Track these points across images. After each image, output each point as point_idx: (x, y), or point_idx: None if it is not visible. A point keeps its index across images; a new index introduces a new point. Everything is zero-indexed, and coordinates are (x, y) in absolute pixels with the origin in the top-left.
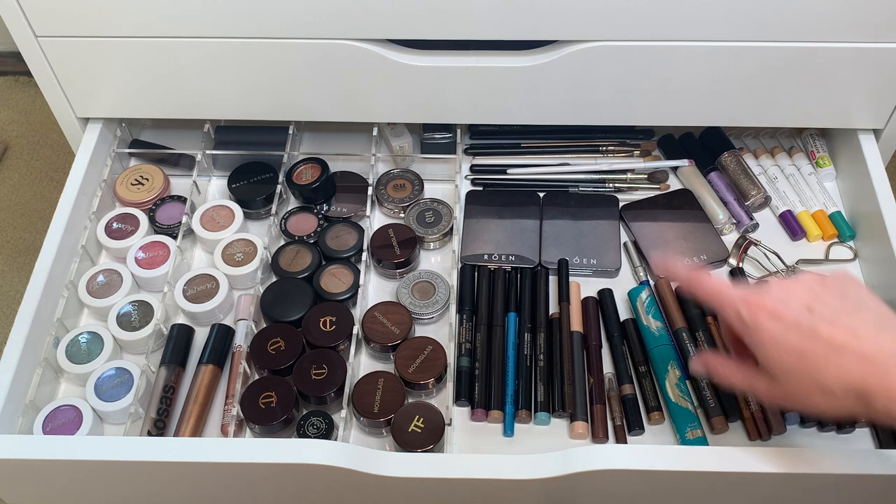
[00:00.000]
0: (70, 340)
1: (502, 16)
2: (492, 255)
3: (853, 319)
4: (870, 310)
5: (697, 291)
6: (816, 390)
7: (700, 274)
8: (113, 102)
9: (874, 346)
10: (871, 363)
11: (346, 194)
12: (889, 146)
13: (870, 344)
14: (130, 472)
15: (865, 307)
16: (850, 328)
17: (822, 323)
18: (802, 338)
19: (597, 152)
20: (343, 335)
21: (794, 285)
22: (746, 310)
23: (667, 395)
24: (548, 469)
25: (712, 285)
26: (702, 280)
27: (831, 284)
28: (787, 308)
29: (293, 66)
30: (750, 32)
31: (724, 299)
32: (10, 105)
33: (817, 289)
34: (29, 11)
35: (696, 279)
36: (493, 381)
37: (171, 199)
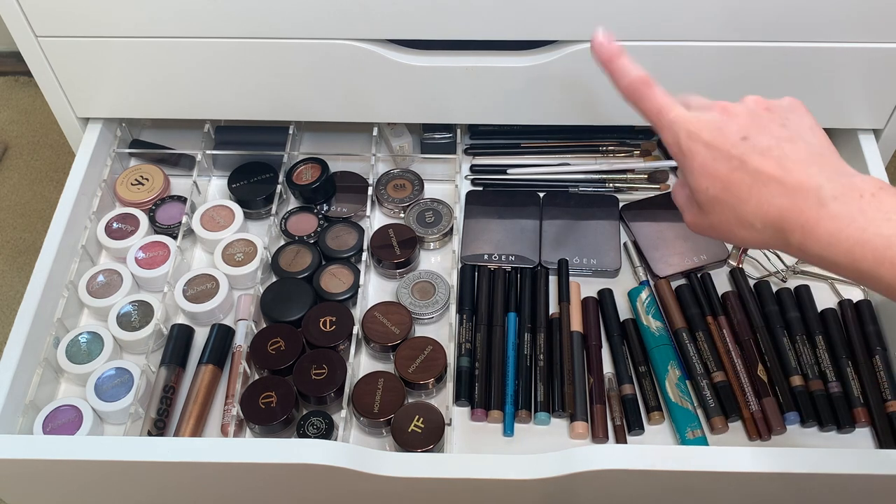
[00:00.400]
0: (70, 340)
1: (502, 16)
2: (492, 255)
3: (785, 150)
4: (806, 141)
5: (637, 104)
6: (737, 222)
7: (642, 87)
8: (113, 102)
9: (798, 179)
10: (791, 197)
11: (346, 194)
12: (889, 146)
13: (795, 177)
14: (130, 472)
15: (802, 138)
16: (779, 160)
17: (753, 153)
18: (731, 168)
19: (597, 152)
20: (343, 335)
21: (735, 108)
22: (685, 137)
23: (667, 395)
24: (548, 469)
25: (652, 104)
26: (644, 95)
27: (775, 111)
28: (722, 136)
29: (293, 66)
30: (750, 32)
31: (664, 122)
32: (10, 105)
33: (758, 115)
34: (29, 11)
35: (639, 93)
36: (493, 381)
37: (171, 199)
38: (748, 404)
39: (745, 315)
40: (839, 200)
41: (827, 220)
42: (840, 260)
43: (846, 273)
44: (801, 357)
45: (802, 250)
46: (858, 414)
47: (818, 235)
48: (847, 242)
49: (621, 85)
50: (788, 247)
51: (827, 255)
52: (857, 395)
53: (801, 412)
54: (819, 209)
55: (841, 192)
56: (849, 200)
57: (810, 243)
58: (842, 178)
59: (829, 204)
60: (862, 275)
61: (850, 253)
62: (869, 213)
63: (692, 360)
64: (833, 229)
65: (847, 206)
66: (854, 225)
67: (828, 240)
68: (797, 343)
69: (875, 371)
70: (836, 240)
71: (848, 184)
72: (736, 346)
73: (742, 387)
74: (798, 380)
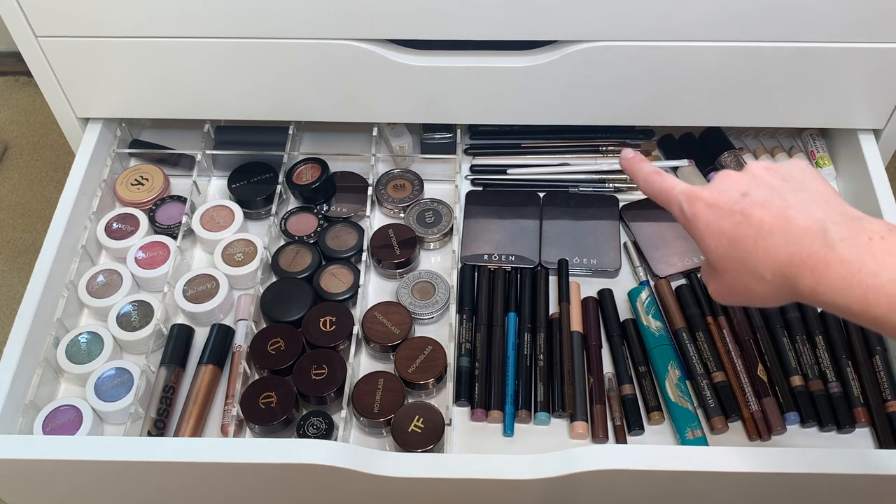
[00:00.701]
0: (70, 340)
1: (502, 16)
2: (492, 255)
3: (788, 200)
4: (808, 191)
5: (648, 191)
6: (749, 276)
7: (653, 175)
8: (113, 102)
9: (803, 224)
10: (797, 243)
11: (346, 194)
12: (889, 146)
13: (799, 223)
14: (130, 472)
15: (805, 188)
16: (781, 209)
17: (754, 206)
18: (734, 223)
19: (597, 152)
20: (343, 335)
21: (737, 174)
22: (687, 202)
23: (667, 395)
24: (548, 469)
25: (660, 186)
26: (654, 181)
27: (776, 169)
28: (724, 195)
29: (293, 66)
30: (750, 32)
31: (670, 196)
32: (10, 105)
33: (760, 175)
34: (29, 11)
35: (650, 180)
36: (493, 381)
37: (171, 199)
38: (748, 404)
39: (745, 315)
40: (847, 242)
41: (837, 263)
42: (853, 306)
43: (859, 319)
44: (801, 357)
45: (814, 296)
46: (858, 414)
47: (829, 280)
48: (859, 288)
49: (639, 178)
50: (800, 295)
51: (839, 300)
52: (857, 395)
53: (801, 412)
54: (827, 252)
55: (848, 234)
56: (858, 243)
57: (821, 288)
58: (848, 220)
59: (837, 246)
60: (876, 321)
61: (864, 299)
62: (880, 256)
63: (692, 360)
64: (844, 273)
65: (857, 248)
66: (865, 269)
67: (839, 284)
68: (797, 343)
69: (875, 371)
70: (849, 284)
71: (856, 226)
72: (736, 346)
73: (742, 387)
74: (798, 380)
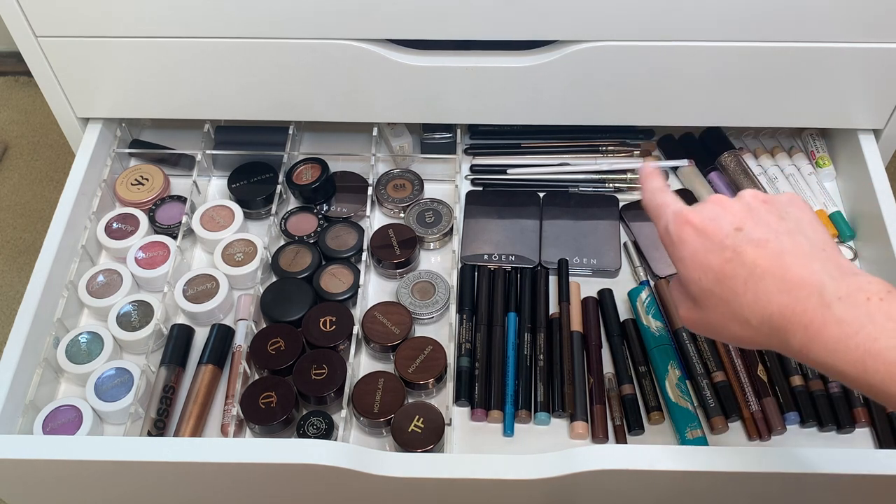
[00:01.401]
0: (70, 340)
1: (502, 16)
2: (492, 255)
3: (784, 243)
4: (805, 236)
5: (647, 202)
6: (732, 318)
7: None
8: (113, 102)
9: (799, 275)
10: (792, 294)
11: (346, 194)
12: (889, 146)
13: (794, 272)
14: (130, 472)
15: (802, 232)
16: (777, 252)
17: (749, 244)
18: (724, 259)
19: (597, 152)
20: (343, 335)
21: (731, 202)
22: (674, 223)
23: (667, 395)
24: (548, 469)
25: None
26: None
27: (773, 203)
28: (716, 225)
29: (293, 66)
30: (750, 32)
31: (659, 213)
32: (10, 105)
33: (755, 208)
34: (29, 11)
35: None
36: (493, 381)
37: (171, 199)
38: (748, 404)
39: None
40: (844, 302)
41: (833, 323)
42: (847, 370)
43: (853, 383)
44: None
45: (805, 354)
46: (858, 414)
47: (823, 340)
48: (856, 352)
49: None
50: (788, 349)
51: (833, 362)
52: (857, 394)
53: (801, 412)
54: (823, 310)
55: (846, 292)
56: (855, 303)
57: (815, 348)
58: (846, 277)
59: (833, 305)
60: (871, 388)
61: (860, 363)
62: (878, 319)
63: (692, 360)
64: (840, 335)
65: (854, 309)
66: (863, 332)
67: (834, 346)
68: None
69: None
70: (845, 347)
71: (853, 284)
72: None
73: (742, 387)
74: (798, 380)
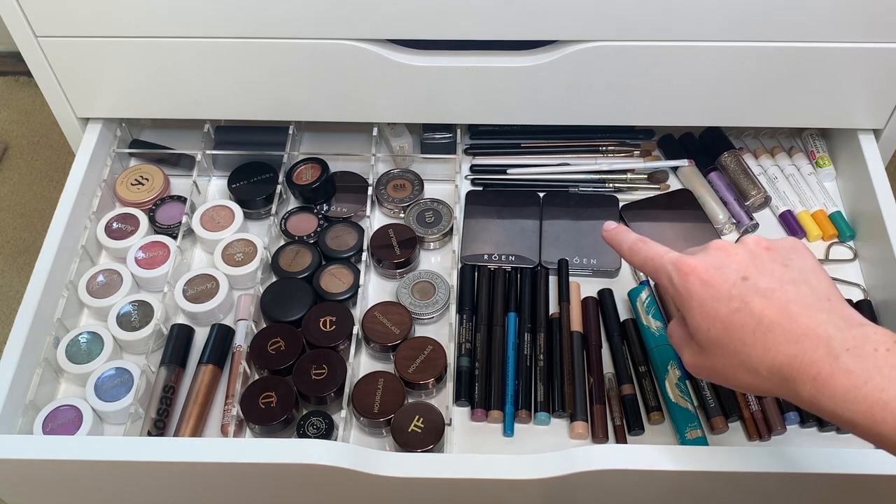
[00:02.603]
0: (70, 340)
1: (502, 16)
2: (492, 255)
3: (790, 293)
4: (810, 285)
5: (633, 260)
6: (740, 367)
7: (638, 244)
8: (113, 102)
9: (806, 325)
10: (800, 344)
11: (346, 194)
12: (889, 146)
13: (801, 323)
14: (130, 472)
15: (806, 282)
16: (783, 302)
17: (755, 295)
18: (731, 309)
19: (597, 152)
20: (343, 335)
21: (734, 249)
22: (678, 274)
23: (667, 395)
24: (548, 469)
25: (646, 254)
26: (639, 249)
27: (776, 250)
28: (721, 275)
29: (293, 66)
30: (750, 32)
31: (657, 265)
32: (10, 105)
33: (759, 255)
34: (29, 11)
35: (635, 249)
36: (493, 381)
37: (171, 199)
38: (748, 404)
39: None
40: (852, 353)
41: (841, 374)
42: (857, 419)
43: (862, 433)
44: None
45: (814, 404)
46: None
47: (832, 390)
48: (865, 402)
49: (624, 249)
50: (798, 398)
51: (842, 412)
52: None
53: (802, 412)
54: (832, 361)
55: (853, 343)
56: (863, 354)
57: (823, 398)
58: (852, 328)
59: (841, 356)
60: (881, 438)
61: (869, 413)
62: (885, 370)
63: None
64: (849, 385)
65: (862, 360)
66: (871, 383)
67: (843, 396)
68: None
69: None
70: (854, 397)
71: (860, 335)
72: None
73: None
74: None
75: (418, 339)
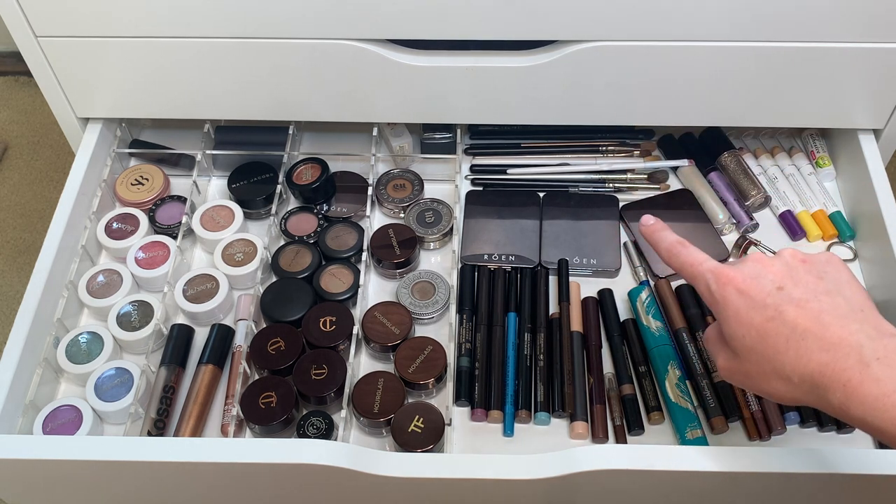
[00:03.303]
0: (70, 340)
1: (502, 16)
2: (492, 255)
3: (823, 303)
4: (844, 296)
5: (673, 264)
6: (774, 374)
7: (677, 246)
8: (113, 102)
9: (838, 335)
10: (831, 352)
11: (346, 194)
12: (889, 146)
13: (833, 332)
14: (130, 472)
15: (840, 293)
16: (817, 312)
17: (790, 304)
18: (766, 318)
19: (597, 152)
20: (343, 335)
21: (771, 261)
22: (716, 283)
23: (667, 395)
24: (548, 469)
25: (685, 259)
26: (678, 253)
27: (812, 263)
28: (757, 284)
29: (293, 66)
30: (750, 32)
31: (696, 272)
32: (10, 105)
33: (794, 267)
34: (29, 11)
35: (674, 252)
36: (493, 381)
37: (171, 199)
38: (748, 404)
39: None
40: (882, 362)
41: (870, 382)
42: (886, 427)
43: (890, 440)
44: None
45: (843, 411)
46: None
47: (861, 397)
48: (894, 410)
49: (661, 248)
50: (828, 406)
51: (871, 419)
52: None
53: (801, 412)
54: (862, 369)
55: (884, 353)
56: (893, 363)
57: (853, 405)
58: (884, 337)
59: (871, 365)
60: None
61: None
62: None
63: (692, 360)
64: (878, 393)
65: (891, 368)
66: None
67: (872, 404)
68: None
69: None
70: (882, 405)
71: (891, 345)
72: None
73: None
74: None
75: (418, 339)
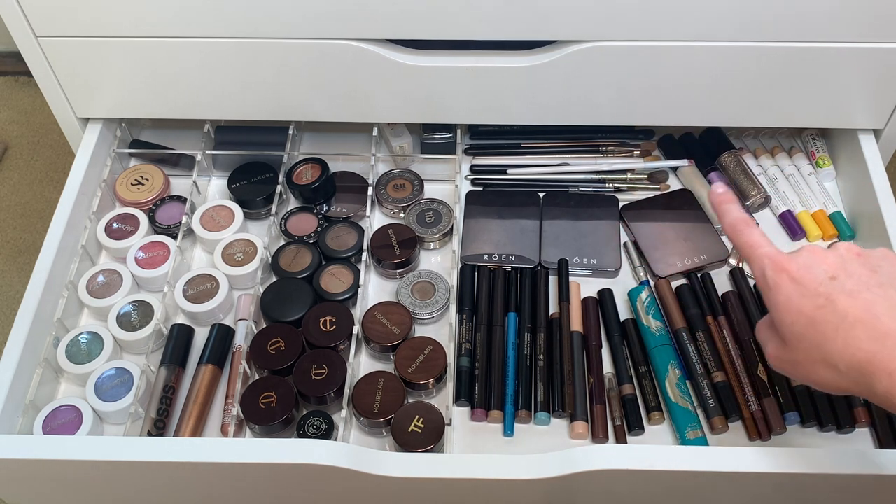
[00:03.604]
0: (70, 340)
1: (502, 16)
2: (492, 255)
3: (875, 295)
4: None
5: (734, 240)
6: (821, 362)
7: (741, 224)
8: (113, 102)
9: (888, 326)
10: (881, 343)
11: (346, 194)
12: (889, 146)
13: (884, 322)
14: (130, 472)
15: (893, 286)
16: (868, 303)
17: (841, 294)
18: (817, 306)
19: (597, 152)
20: (343, 335)
21: (826, 253)
22: (771, 269)
23: (667, 395)
24: (548, 469)
25: (747, 239)
26: (742, 231)
27: (866, 257)
28: (810, 273)
29: (293, 66)
30: (750, 32)
31: (754, 255)
32: (10, 105)
33: (849, 260)
34: (29, 11)
35: (738, 229)
36: (493, 381)
37: (171, 199)
38: (748, 404)
39: (745, 315)
40: None
41: None
42: None
43: None
44: None
45: (889, 399)
46: (858, 414)
47: None
48: None
49: (726, 221)
50: (873, 394)
51: None
52: None
53: (801, 412)
54: None
55: None
56: None
57: None
58: None
59: None
60: None
61: None
62: None
63: (692, 360)
64: None
65: None
66: None
67: None
68: None
69: None
70: None
71: None
72: (736, 345)
73: (742, 387)
74: None
75: (418, 339)
